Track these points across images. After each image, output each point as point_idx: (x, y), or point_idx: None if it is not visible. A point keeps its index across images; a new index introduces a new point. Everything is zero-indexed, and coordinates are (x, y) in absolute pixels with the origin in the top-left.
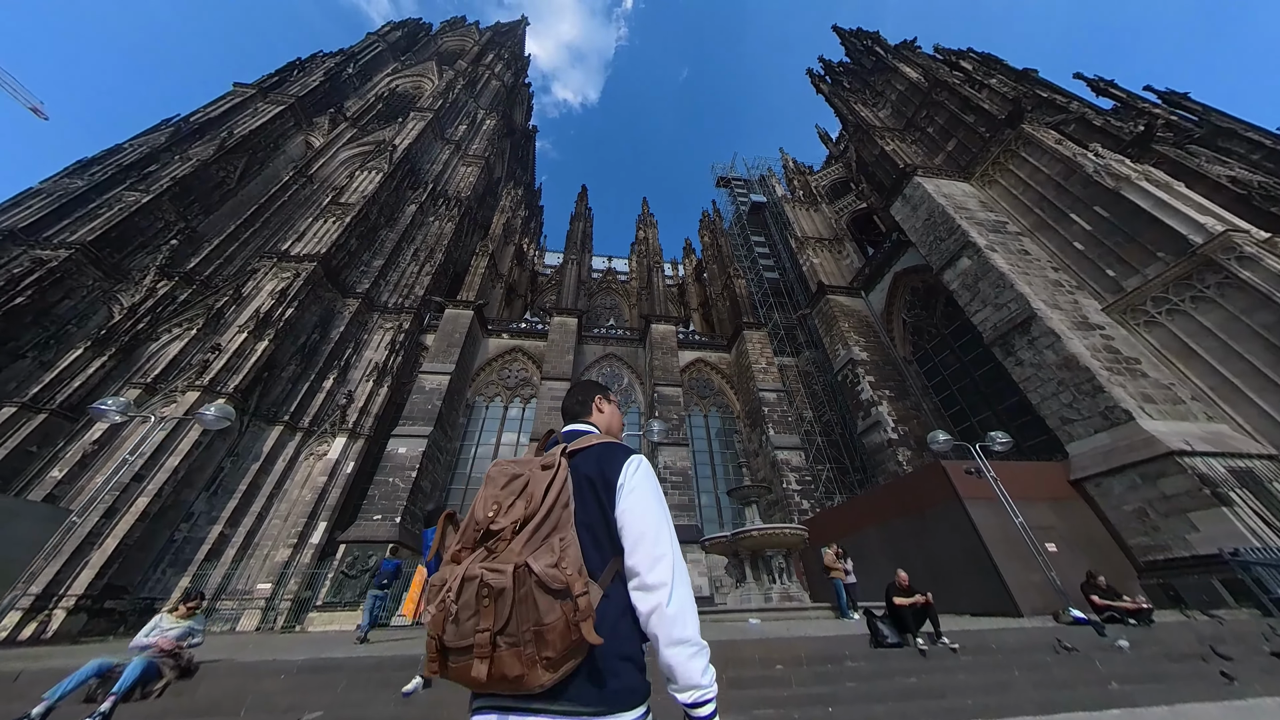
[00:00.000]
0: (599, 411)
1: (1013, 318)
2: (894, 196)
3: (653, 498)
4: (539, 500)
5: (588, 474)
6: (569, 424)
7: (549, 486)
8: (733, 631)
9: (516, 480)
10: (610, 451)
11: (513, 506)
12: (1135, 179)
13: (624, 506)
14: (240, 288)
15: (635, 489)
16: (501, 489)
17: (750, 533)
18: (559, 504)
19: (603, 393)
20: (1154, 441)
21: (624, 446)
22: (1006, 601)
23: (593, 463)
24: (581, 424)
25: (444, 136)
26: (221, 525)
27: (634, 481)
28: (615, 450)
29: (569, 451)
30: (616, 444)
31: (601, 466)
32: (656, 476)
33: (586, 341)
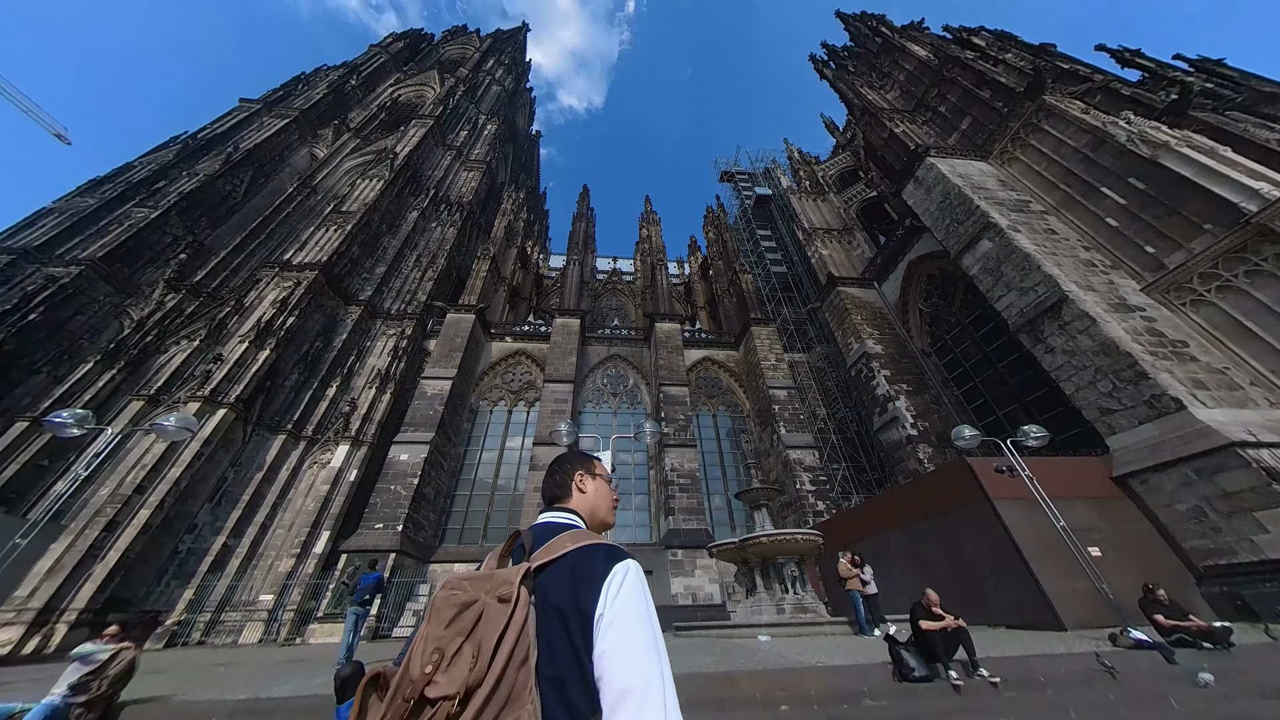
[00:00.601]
0: (580, 492)
1: (1041, 301)
2: (905, 180)
3: (641, 631)
4: (488, 657)
5: (557, 605)
6: (544, 511)
7: (502, 636)
8: (736, 655)
9: (467, 612)
10: (588, 564)
11: (458, 656)
12: (1175, 144)
13: (603, 648)
14: (242, 298)
15: (618, 619)
16: (446, 627)
17: (759, 539)
18: (514, 662)
19: (585, 467)
20: (1210, 432)
21: (607, 550)
22: (1046, 613)
23: (564, 584)
24: (558, 512)
25: (445, 142)
26: (225, 536)
27: (616, 608)
28: (594, 561)
29: (535, 567)
30: (597, 548)
31: (575, 590)
32: (647, 588)
33: (590, 343)
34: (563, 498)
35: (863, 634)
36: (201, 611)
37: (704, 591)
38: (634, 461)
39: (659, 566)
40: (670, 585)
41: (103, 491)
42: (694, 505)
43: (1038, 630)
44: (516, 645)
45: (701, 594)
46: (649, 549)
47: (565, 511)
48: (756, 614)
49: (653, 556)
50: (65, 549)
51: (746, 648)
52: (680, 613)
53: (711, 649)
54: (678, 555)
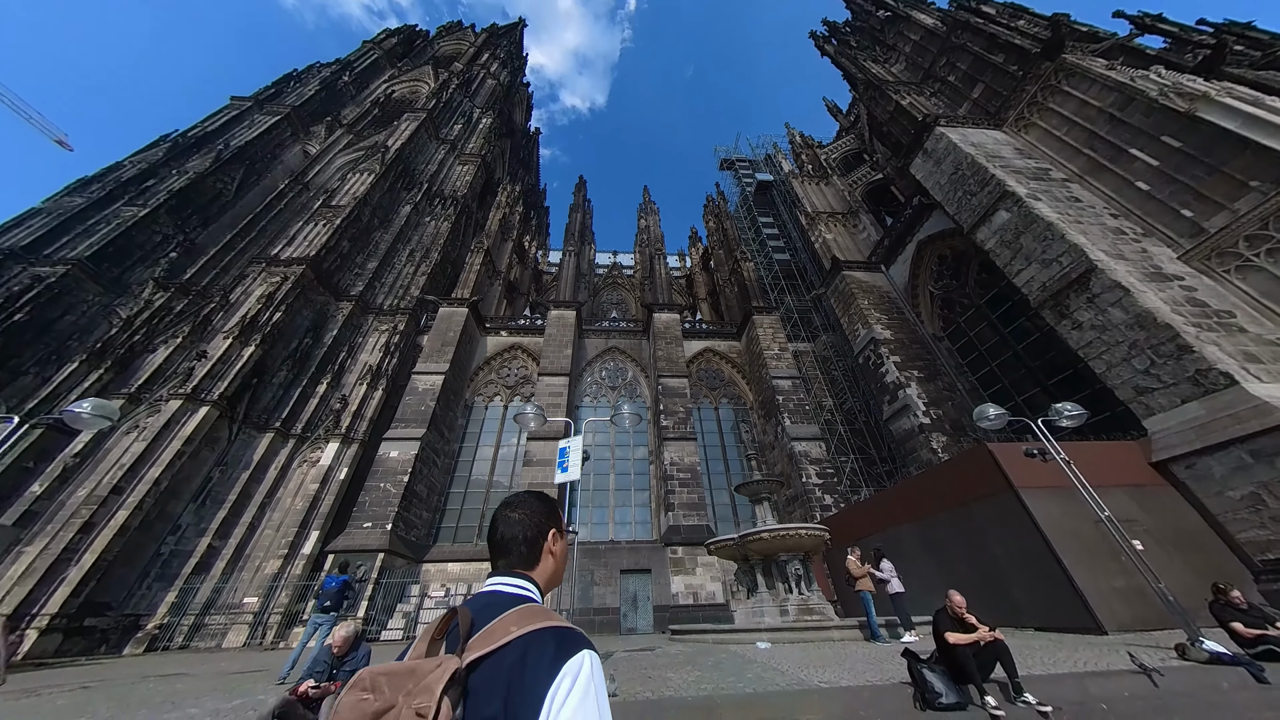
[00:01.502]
0: (549, 556)
1: (1066, 273)
2: (913, 153)
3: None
4: None
5: (489, 716)
6: (494, 573)
7: None
8: (727, 668)
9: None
10: (530, 662)
11: None
12: (1216, 95)
13: None
14: (228, 294)
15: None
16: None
17: (760, 535)
18: None
19: (558, 522)
20: (1270, 409)
21: (557, 640)
22: (1082, 615)
23: (501, 686)
24: (511, 578)
25: (439, 136)
26: (210, 537)
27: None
28: (538, 659)
29: (470, 662)
30: (544, 637)
31: (511, 696)
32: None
33: (588, 335)
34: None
35: (875, 640)
36: (185, 615)
37: (705, 590)
38: (634, 457)
39: (658, 564)
40: (670, 584)
41: (80, 493)
42: (695, 500)
43: (1073, 634)
44: None
45: (703, 593)
46: (648, 546)
47: (520, 579)
48: (758, 616)
49: (651, 554)
50: (38, 553)
51: (742, 658)
52: (681, 613)
53: (701, 660)
54: (678, 553)
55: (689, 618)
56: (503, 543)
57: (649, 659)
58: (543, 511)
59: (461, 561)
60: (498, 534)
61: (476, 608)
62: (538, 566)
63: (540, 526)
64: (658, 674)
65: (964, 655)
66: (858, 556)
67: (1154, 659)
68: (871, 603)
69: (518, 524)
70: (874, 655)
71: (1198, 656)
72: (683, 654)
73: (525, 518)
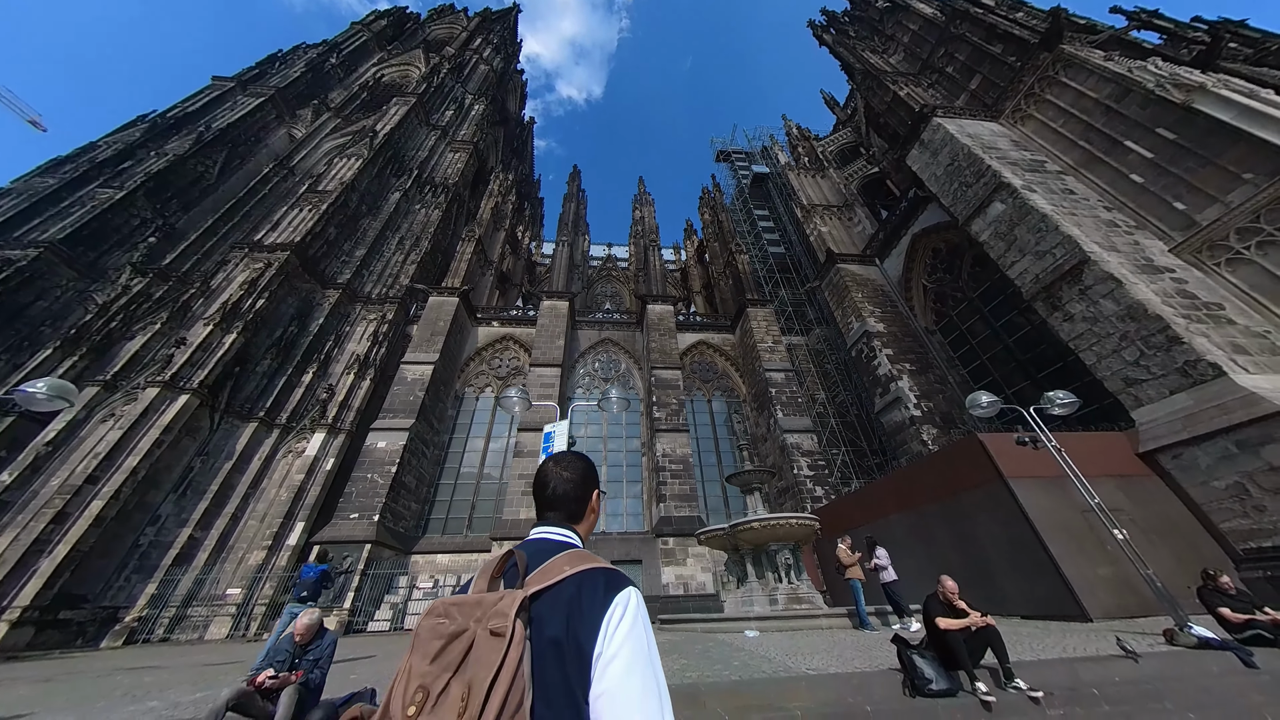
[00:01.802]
0: (593, 513)
1: (1059, 265)
2: (910, 144)
3: (641, 672)
4: (479, 702)
5: (554, 638)
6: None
7: (495, 677)
8: (714, 656)
9: (455, 644)
10: (586, 594)
11: (445, 697)
12: (1212, 86)
13: (600, 689)
14: (209, 280)
15: (617, 658)
16: (432, 661)
17: (750, 524)
18: (509, 708)
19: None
20: (1256, 400)
21: (606, 577)
22: (1068, 602)
23: (560, 615)
24: (559, 529)
25: (429, 122)
26: (191, 528)
27: (616, 646)
28: (593, 591)
29: (532, 594)
30: (596, 575)
31: (572, 623)
32: (648, 621)
33: (581, 327)
34: (573, 515)
35: (863, 628)
36: (166, 607)
37: (696, 581)
38: (627, 449)
39: (649, 555)
40: (660, 575)
41: (53, 482)
42: (686, 492)
43: (1059, 621)
44: (511, 689)
45: (694, 583)
46: (639, 538)
47: (568, 530)
48: (747, 605)
49: (642, 545)
50: (9, 543)
51: (730, 646)
52: (671, 603)
53: (688, 648)
54: (669, 543)
55: (679, 608)
56: (555, 497)
57: None
58: (590, 472)
59: (451, 553)
60: (549, 489)
61: (530, 551)
62: (582, 522)
63: (588, 485)
64: None
65: (955, 641)
66: (848, 545)
67: (1142, 645)
68: (861, 591)
69: (570, 482)
70: (863, 643)
71: (1186, 642)
72: (670, 642)
73: (577, 476)
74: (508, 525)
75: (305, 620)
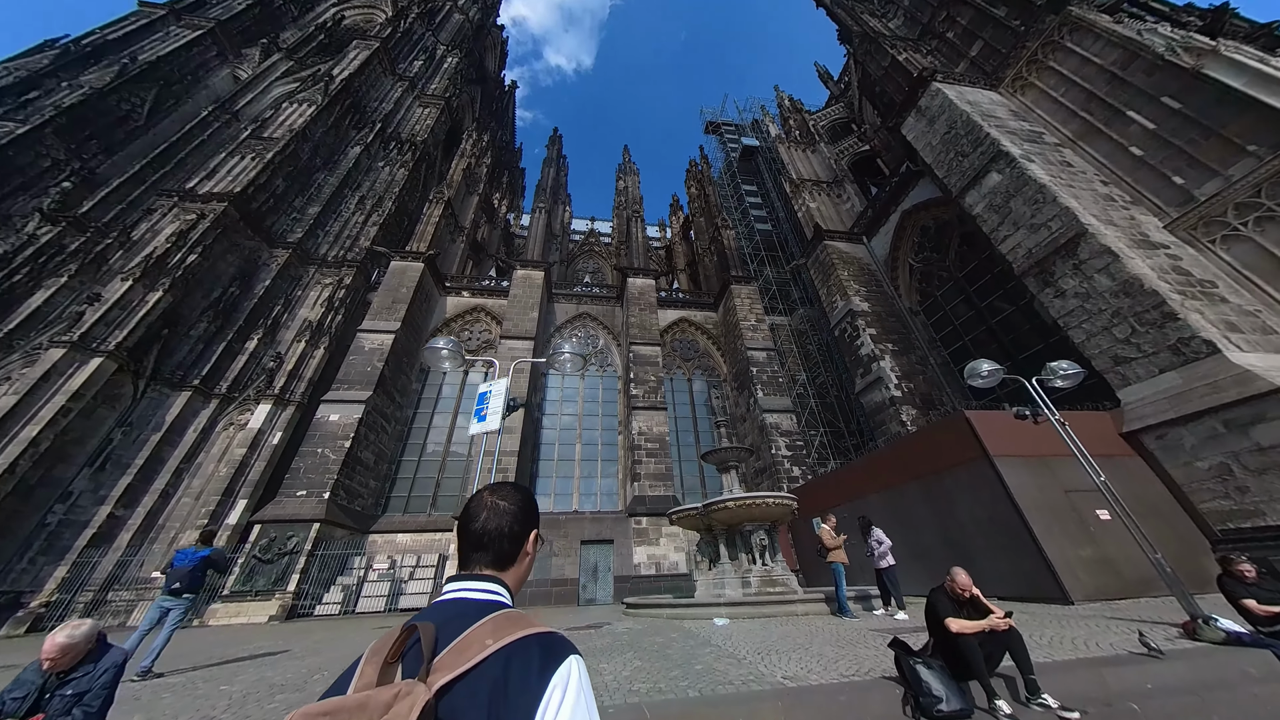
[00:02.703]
0: (525, 558)
1: (1054, 238)
2: (906, 112)
3: None
4: None
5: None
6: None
7: None
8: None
9: None
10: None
11: None
12: (1224, 50)
13: None
14: (129, 230)
15: None
16: None
17: (725, 504)
18: None
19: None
20: (1250, 378)
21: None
22: (1050, 584)
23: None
24: (479, 583)
25: (395, 72)
26: (112, 505)
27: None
28: (526, 665)
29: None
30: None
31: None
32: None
33: (558, 300)
34: (504, 558)
35: (842, 614)
36: (81, 591)
37: (668, 560)
38: (603, 427)
39: (621, 535)
40: (632, 555)
41: None
42: (662, 471)
43: (1039, 604)
44: None
45: (666, 563)
46: (611, 517)
47: (491, 582)
48: (719, 587)
49: (614, 525)
50: None
51: (695, 638)
52: (643, 583)
53: (646, 641)
54: (641, 523)
55: (651, 588)
56: (485, 534)
57: (588, 641)
58: (530, 505)
59: (412, 533)
60: (478, 522)
61: (441, 619)
62: (512, 568)
63: (528, 521)
64: (588, 664)
65: (969, 647)
66: (833, 525)
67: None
68: (843, 575)
69: (506, 515)
70: (843, 635)
71: (1212, 636)
72: (630, 633)
73: (515, 508)
74: None
75: (63, 638)
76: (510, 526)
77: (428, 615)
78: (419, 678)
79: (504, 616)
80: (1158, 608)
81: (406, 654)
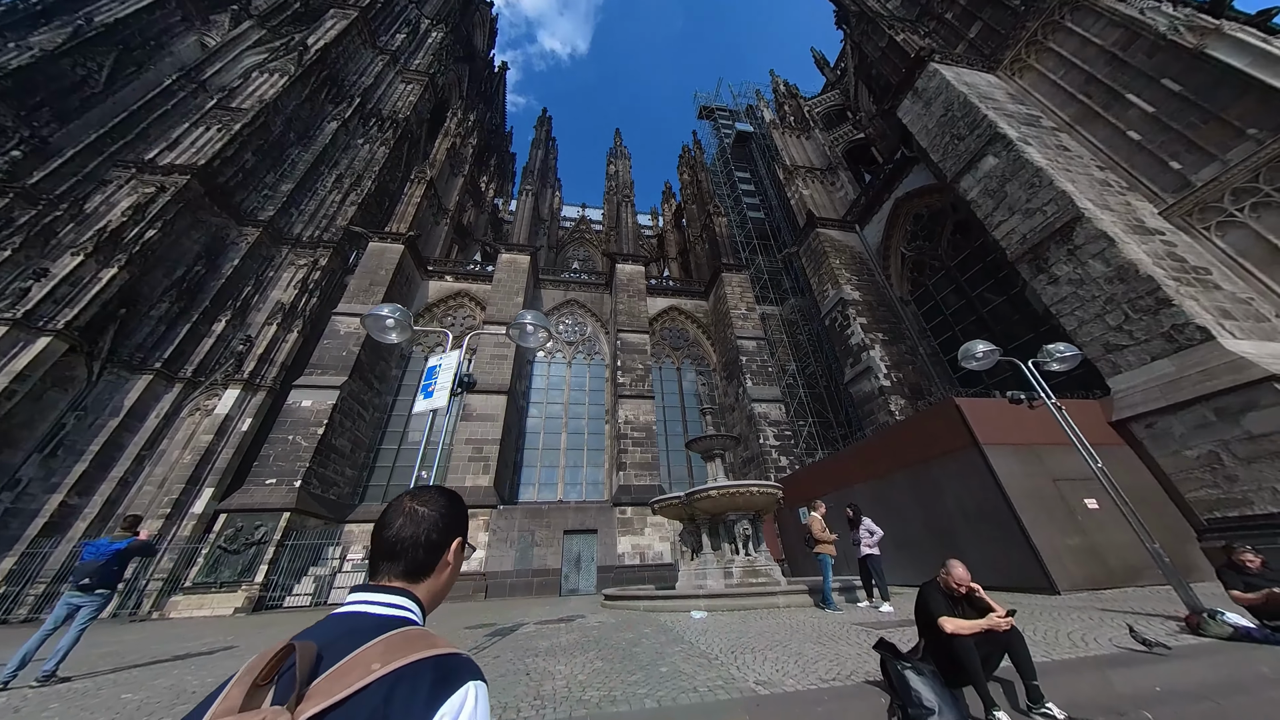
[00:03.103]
0: (445, 569)
1: (1050, 223)
2: (902, 94)
3: None
4: None
5: None
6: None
7: None
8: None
9: None
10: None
11: None
12: (1229, 29)
13: None
14: (81, 203)
15: None
16: None
17: (708, 493)
18: None
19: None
20: (1244, 365)
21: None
22: (1036, 574)
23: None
24: (385, 595)
25: (376, 44)
26: (65, 494)
27: None
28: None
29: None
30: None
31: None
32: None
33: (545, 286)
34: (418, 568)
35: (826, 607)
36: (32, 583)
37: (653, 550)
38: (589, 416)
39: (605, 525)
40: (617, 544)
41: None
42: (648, 460)
43: (1025, 593)
44: None
45: (650, 553)
46: (595, 506)
47: (398, 595)
48: (700, 577)
49: (599, 514)
50: None
51: (667, 634)
52: (627, 573)
53: (615, 639)
54: (626, 513)
55: (635, 578)
56: (396, 542)
57: (552, 637)
58: (455, 511)
59: None
60: (392, 529)
61: (328, 638)
62: (427, 580)
63: (448, 530)
64: (543, 665)
65: (965, 649)
66: (823, 513)
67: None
68: (830, 567)
69: (423, 521)
70: (826, 630)
71: (1218, 632)
72: (600, 628)
73: (435, 514)
74: None
75: None
76: (427, 534)
77: (315, 631)
78: (288, 705)
79: (401, 636)
80: (1146, 598)
81: (282, 675)
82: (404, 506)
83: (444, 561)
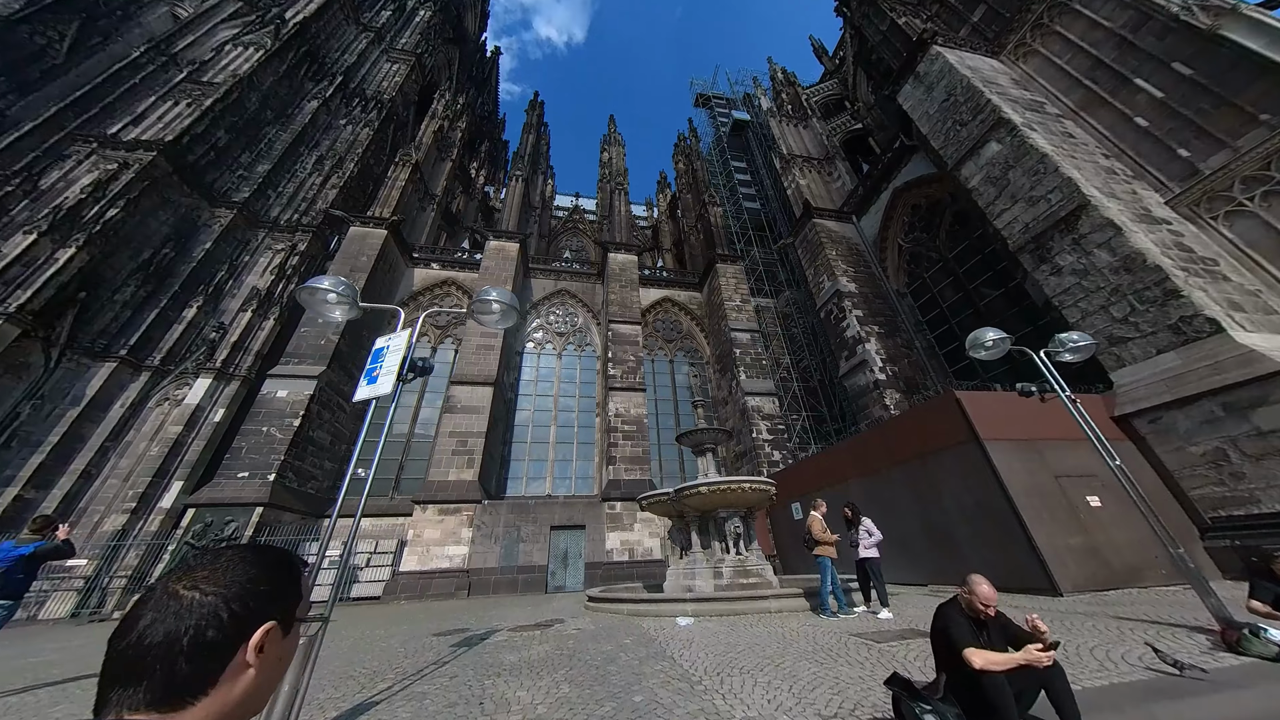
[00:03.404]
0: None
1: (1054, 211)
2: (904, 79)
3: None
4: None
5: None
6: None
7: None
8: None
9: None
10: None
11: None
12: (1245, 9)
13: None
14: (36, 179)
15: None
16: None
17: (698, 489)
18: None
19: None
20: (1254, 358)
21: None
22: (1038, 574)
23: None
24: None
25: (360, 21)
26: (19, 487)
27: None
28: None
29: None
30: None
31: None
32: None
33: (535, 275)
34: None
35: (822, 613)
36: None
37: (643, 547)
38: (580, 409)
39: (594, 520)
40: (605, 541)
41: None
42: (638, 454)
43: (1025, 594)
44: None
45: (640, 549)
46: (584, 501)
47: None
48: (689, 578)
49: (587, 509)
50: None
51: (648, 647)
52: (615, 570)
53: (589, 652)
54: (615, 508)
55: (623, 575)
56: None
57: (523, 649)
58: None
59: (372, 517)
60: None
61: None
62: (201, 702)
63: (245, 617)
64: (502, 690)
65: (997, 688)
66: (823, 512)
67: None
68: (828, 570)
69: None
70: (822, 643)
71: (1262, 651)
72: (577, 637)
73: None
74: (434, 487)
75: None
76: (195, 633)
77: None
78: None
79: None
80: (1154, 602)
81: None
82: (158, 596)
83: (236, 665)
